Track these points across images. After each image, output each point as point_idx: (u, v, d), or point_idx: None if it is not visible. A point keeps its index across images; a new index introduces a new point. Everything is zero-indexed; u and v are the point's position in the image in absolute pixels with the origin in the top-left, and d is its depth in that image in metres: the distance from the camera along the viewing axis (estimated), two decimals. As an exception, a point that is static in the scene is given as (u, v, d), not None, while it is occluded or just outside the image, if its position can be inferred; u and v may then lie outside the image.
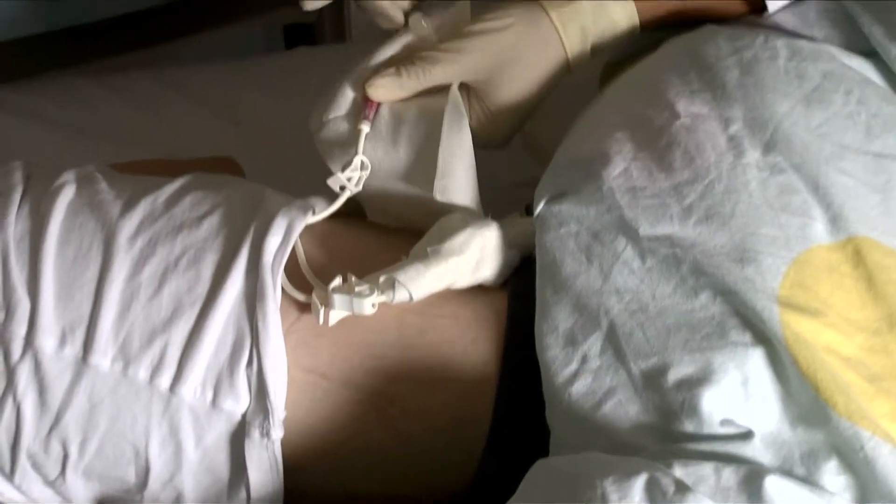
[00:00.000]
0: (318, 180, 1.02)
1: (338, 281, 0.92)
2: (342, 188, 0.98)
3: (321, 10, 1.81)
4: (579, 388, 0.84)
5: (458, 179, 0.96)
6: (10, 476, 0.94)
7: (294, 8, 1.80)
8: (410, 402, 0.92)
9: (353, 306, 0.90)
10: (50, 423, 0.92)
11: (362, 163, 0.98)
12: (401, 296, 0.91)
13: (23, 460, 0.93)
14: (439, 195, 0.96)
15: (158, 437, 0.91)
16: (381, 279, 0.91)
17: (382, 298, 0.91)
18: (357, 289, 0.91)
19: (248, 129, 1.44)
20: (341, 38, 1.82)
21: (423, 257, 0.92)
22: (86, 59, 1.69)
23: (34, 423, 0.92)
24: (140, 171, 1.08)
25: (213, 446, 0.92)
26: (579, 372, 0.85)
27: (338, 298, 0.90)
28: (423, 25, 1.01)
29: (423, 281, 0.91)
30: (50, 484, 0.94)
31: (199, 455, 0.92)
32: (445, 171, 0.96)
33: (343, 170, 0.98)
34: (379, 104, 0.99)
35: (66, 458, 0.92)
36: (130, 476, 0.93)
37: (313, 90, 1.27)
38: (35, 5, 1.50)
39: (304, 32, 1.87)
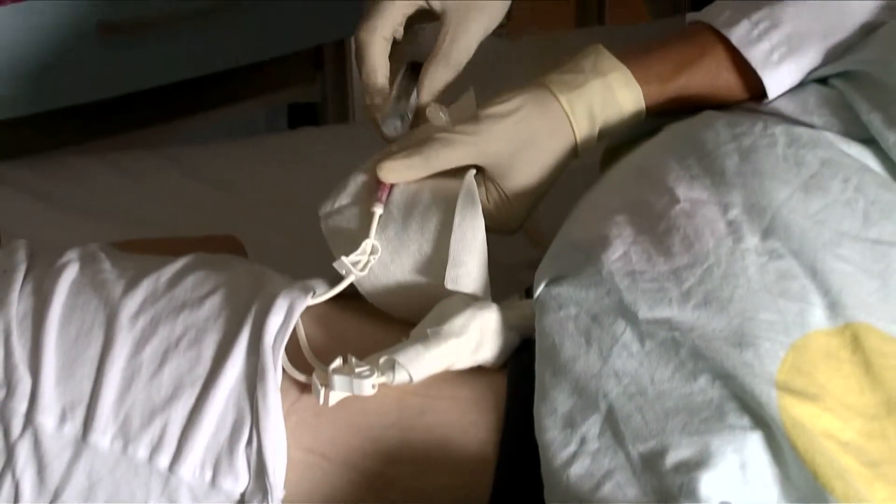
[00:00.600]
0: (321, 260, 1.02)
1: (338, 362, 0.92)
2: (347, 273, 0.98)
3: (325, 91, 1.83)
4: (578, 469, 0.84)
5: (469, 269, 0.97)
6: None
7: (297, 88, 1.84)
8: (409, 484, 0.92)
9: (354, 387, 0.91)
10: (48, 501, 0.92)
11: (372, 247, 0.98)
12: (401, 377, 0.91)
13: None
14: (450, 284, 0.96)
15: None
16: (382, 360, 0.92)
17: (383, 379, 0.91)
18: (357, 370, 0.91)
19: (251, 208, 1.44)
20: (344, 118, 1.84)
21: (423, 339, 0.92)
22: (89, 138, 1.70)
23: (32, 500, 0.92)
24: (143, 250, 1.08)
25: None
26: (578, 454, 0.85)
27: (338, 379, 0.91)
28: (441, 116, 1.01)
29: (422, 362, 0.91)
30: None
31: None
32: (457, 261, 0.96)
33: (350, 253, 0.98)
34: (392, 187, 0.99)
35: None
36: None
37: (316, 169, 1.28)
38: (39, 84, 1.51)
39: (308, 112, 1.88)
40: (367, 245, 0.98)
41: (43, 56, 1.49)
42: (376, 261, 0.99)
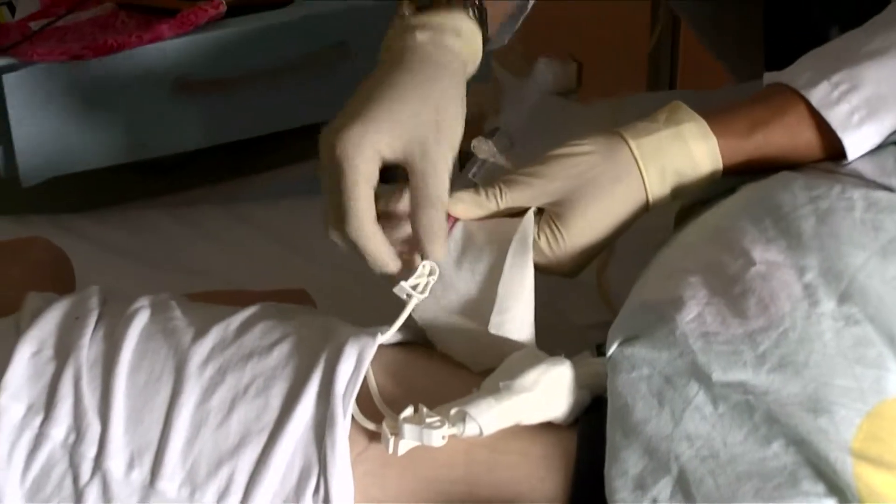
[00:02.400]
0: (388, 316, 1.02)
1: (409, 411, 0.92)
2: (409, 297, 0.98)
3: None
4: None
5: (514, 317, 0.96)
6: None
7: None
8: None
9: (423, 437, 0.90)
10: None
11: (431, 268, 0.98)
12: (471, 429, 0.90)
13: None
14: (494, 329, 0.96)
15: None
16: (452, 412, 0.91)
17: (453, 431, 0.91)
18: (427, 420, 0.91)
19: (317, 264, 1.45)
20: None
21: (495, 391, 0.92)
22: (157, 193, 1.72)
23: None
24: (213, 302, 1.09)
25: None
26: None
27: (408, 429, 0.90)
28: (485, 148, 1.02)
29: (493, 415, 0.90)
30: None
31: None
32: (503, 307, 0.96)
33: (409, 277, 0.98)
34: (455, 221, 1.00)
35: None
36: None
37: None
38: (115, 137, 1.53)
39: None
40: (424, 267, 0.98)
41: (120, 110, 1.51)
42: (432, 291, 0.98)
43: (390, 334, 0.98)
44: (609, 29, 2.27)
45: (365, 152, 0.95)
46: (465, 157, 1.04)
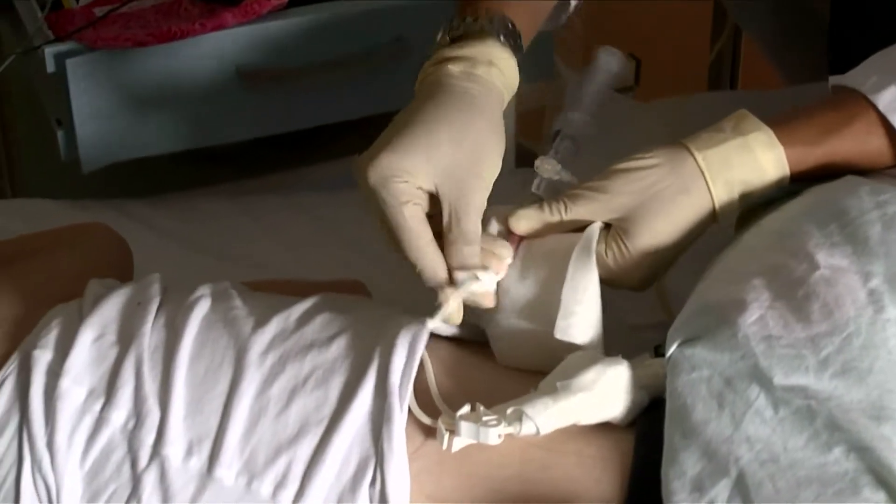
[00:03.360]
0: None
1: (466, 409, 0.92)
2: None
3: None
4: None
5: (579, 321, 0.96)
6: None
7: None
8: None
9: (480, 435, 0.90)
10: None
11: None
12: (528, 429, 0.90)
13: None
14: (559, 334, 0.96)
15: None
16: (509, 411, 0.91)
17: (509, 430, 0.91)
18: (484, 418, 0.91)
19: (373, 258, 1.45)
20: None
21: (552, 391, 0.91)
22: (217, 181, 1.73)
23: None
24: (271, 291, 1.10)
25: None
26: None
27: (464, 426, 0.90)
28: (547, 168, 1.02)
29: (550, 415, 0.90)
30: None
31: None
32: (568, 312, 0.96)
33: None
34: (520, 241, 0.99)
35: None
36: None
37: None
38: (180, 124, 1.54)
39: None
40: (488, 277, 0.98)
41: (181, 97, 1.52)
42: (495, 308, 0.98)
43: (438, 321, 0.98)
44: (669, 29, 2.26)
45: (399, 176, 0.95)
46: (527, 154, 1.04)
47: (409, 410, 0.94)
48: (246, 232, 1.51)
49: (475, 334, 1.01)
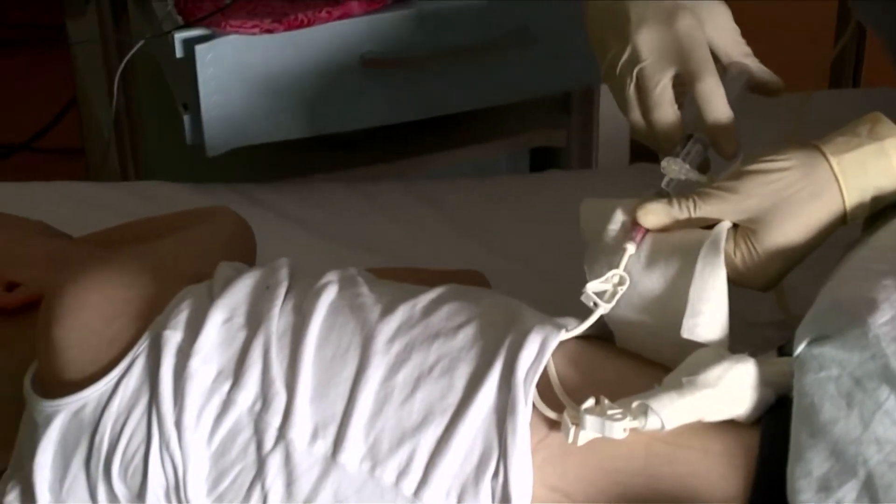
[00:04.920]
0: (561, 310, 1.03)
1: (590, 402, 0.92)
2: (595, 305, 0.98)
3: (570, 136, 1.84)
4: None
5: (707, 320, 0.95)
6: None
7: (543, 132, 1.85)
8: None
9: (605, 429, 0.90)
10: None
11: (620, 278, 0.98)
12: (653, 423, 0.90)
13: None
14: (686, 333, 0.95)
15: None
16: (634, 405, 0.91)
17: (635, 424, 0.90)
18: (609, 412, 0.91)
19: (492, 249, 1.46)
20: (587, 165, 1.84)
21: (678, 386, 0.91)
22: (338, 167, 1.75)
23: None
24: (392, 279, 1.10)
25: None
26: None
27: (589, 420, 0.90)
28: (674, 168, 1.01)
29: (675, 410, 0.90)
30: None
31: None
32: (695, 311, 0.95)
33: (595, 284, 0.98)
34: (645, 233, 0.99)
35: None
36: None
37: (560, 215, 1.29)
38: (302, 111, 1.56)
39: (550, 157, 1.89)
40: (613, 276, 0.98)
41: (306, 84, 1.53)
42: (620, 301, 0.98)
43: (574, 334, 0.98)
44: (792, 24, 2.24)
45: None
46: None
47: (534, 404, 0.94)
48: (367, 219, 1.52)
49: (597, 328, 1.01)
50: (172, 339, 0.99)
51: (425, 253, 1.43)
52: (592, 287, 0.98)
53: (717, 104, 1.02)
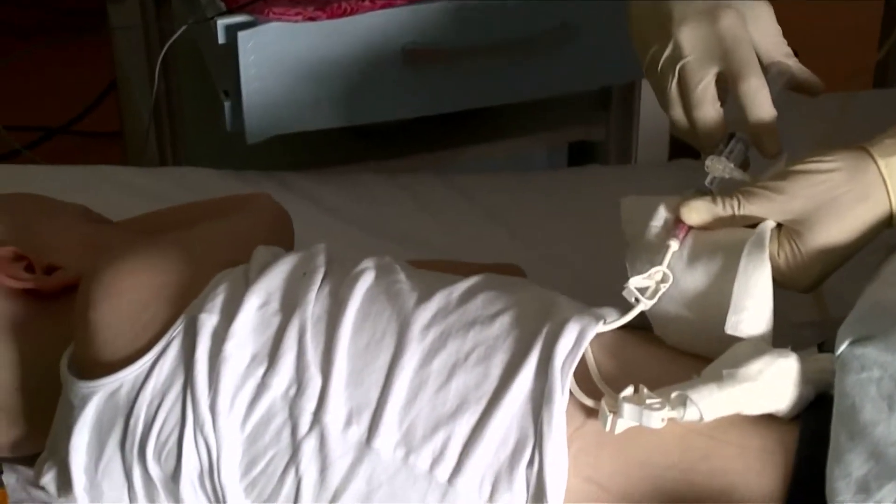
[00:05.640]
0: (595, 295, 1.03)
1: (629, 391, 0.92)
2: (637, 301, 0.98)
3: (609, 132, 1.83)
4: None
5: (751, 317, 0.95)
6: None
7: (582, 127, 1.84)
8: None
9: (643, 418, 0.90)
10: (327, 502, 0.94)
11: (663, 276, 0.97)
12: (691, 414, 0.90)
13: None
14: (731, 329, 0.95)
15: None
16: (673, 395, 0.90)
17: (673, 414, 0.90)
18: (648, 401, 0.90)
19: (529, 243, 1.45)
20: (626, 160, 1.83)
21: (718, 378, 0.91)
22: (373, 157, 1.75)
23: (313, 499, 0.94)
24: (431, 269, 1.10)
25: None
26: None
27: (627, 408, 0.90)
28: (718, 167, 1.01)
29: (715, 402, 0.90)
30: None
31: None
32: (739, 307, 0.95)
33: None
34: (689, 228, 0.99)
35: None
36: None
37: (599, 211, 1.28)
38: (342, 100, 1.56)
39: (588, 152, 1.89)
40: (656, 273, 0.98)
41: (348, 73, 1.53)
42: (663, 295, 0.98)
43: (613, 326, 0.98)
44: (836, 24, 2.22)
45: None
46: None
47: (570, 393, 0.93)
48: (403, 210, 1.52)
49: (639, 322, 1.01)
50: (208, 322, 1.00)
51: (461, 246, 1.42)
52: (635, 283, 0.97)
53: (761, 103, 1.02)
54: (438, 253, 1.38)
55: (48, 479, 1.02)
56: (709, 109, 1.03)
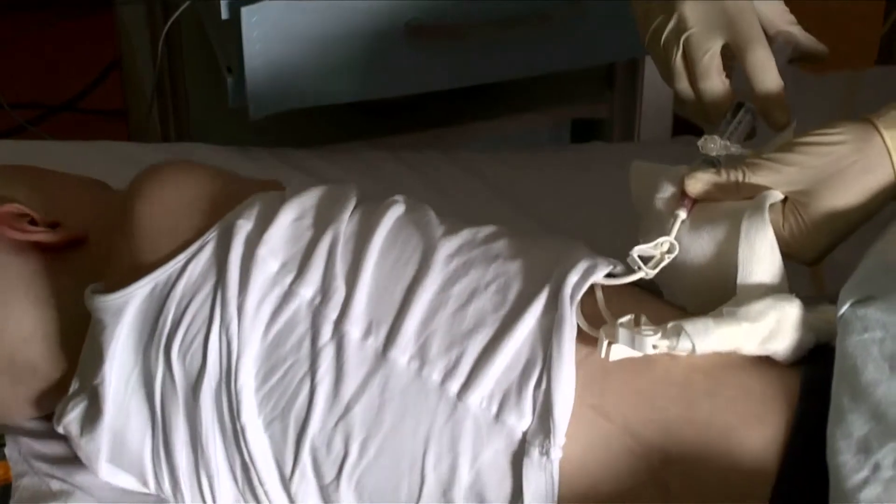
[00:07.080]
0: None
1: (628, 318, 0.93)
2: (638, 268, 0.98)
3: (613, 109, 1.83)
4: (868, 495, 0.83)
5: (760, 280, 0.95)
6: (288, 480, 0.98)
7: (586, 104, 1.84)
8: (684, 467, 0.92)
9: (636, 343, 0.92)
10: (339, 415, 0.97)
11: (670, 246, 0.98)
12: (684, 345, 0.91)
13: (304, 456, 0.97)
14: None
15: (436, 449, 0.95)
16: (669, 325, 0.92)
17: (665, 343, 0.92)
18: (644, 329, 0.92)
19: (533, 218, 1.45)
20: (629, 138, 1.83)
21: (716, 315, 0.92)
22: (379, 134, 1.75)
23: (324, 411, 0.97)
24: None
25: (488, 466, 0.94)
26: (870, 480, 0.83)
27: (622, 332, 0.92)
28: (711, 147, 1.00)
29: (709, 337, 0.91)
30: (323, 490, 0.97)
31: (471, 478, 0.94)
32: (748, 272, 0.95)
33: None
34: (694, 203, 0.99)
35: (345, 457, 0.96)
36: (402, 492, 0.95)
37: (603, 188, 1.29)
38: (346, 77, 1.56)
39: (591, 129, 1.89)
40: (663, 243, 0.98)
41: (352, 50, 1.53)
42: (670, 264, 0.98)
43: (617, 282, 0.99)
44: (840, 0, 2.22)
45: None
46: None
47: (579, 326, 0.95)
48: (408, 186, 1.52)
49: (650, 285, 1.01)
50: (244, 227, 1.02)
51: (466, 221, 1.42)
52: (639, 250, 0.98)
53: (768, 74, 1.02)
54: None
55: (72, 417, 1.04)
56: (715, 80, 1.03)
